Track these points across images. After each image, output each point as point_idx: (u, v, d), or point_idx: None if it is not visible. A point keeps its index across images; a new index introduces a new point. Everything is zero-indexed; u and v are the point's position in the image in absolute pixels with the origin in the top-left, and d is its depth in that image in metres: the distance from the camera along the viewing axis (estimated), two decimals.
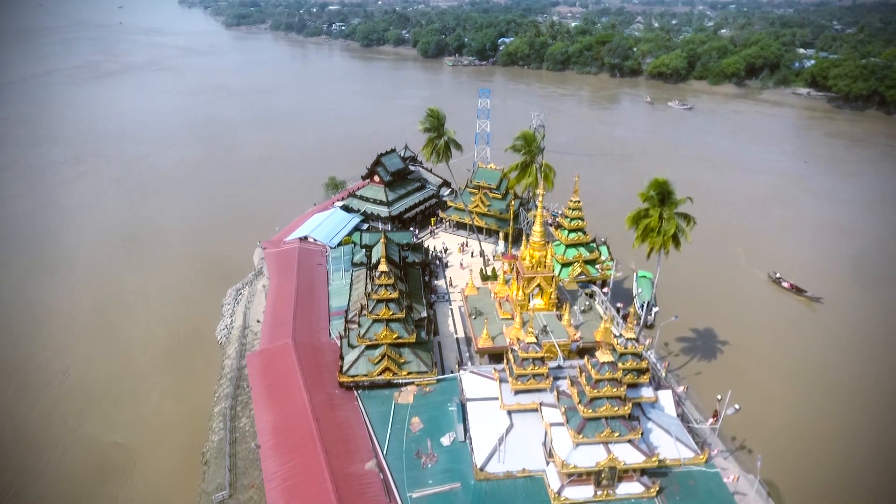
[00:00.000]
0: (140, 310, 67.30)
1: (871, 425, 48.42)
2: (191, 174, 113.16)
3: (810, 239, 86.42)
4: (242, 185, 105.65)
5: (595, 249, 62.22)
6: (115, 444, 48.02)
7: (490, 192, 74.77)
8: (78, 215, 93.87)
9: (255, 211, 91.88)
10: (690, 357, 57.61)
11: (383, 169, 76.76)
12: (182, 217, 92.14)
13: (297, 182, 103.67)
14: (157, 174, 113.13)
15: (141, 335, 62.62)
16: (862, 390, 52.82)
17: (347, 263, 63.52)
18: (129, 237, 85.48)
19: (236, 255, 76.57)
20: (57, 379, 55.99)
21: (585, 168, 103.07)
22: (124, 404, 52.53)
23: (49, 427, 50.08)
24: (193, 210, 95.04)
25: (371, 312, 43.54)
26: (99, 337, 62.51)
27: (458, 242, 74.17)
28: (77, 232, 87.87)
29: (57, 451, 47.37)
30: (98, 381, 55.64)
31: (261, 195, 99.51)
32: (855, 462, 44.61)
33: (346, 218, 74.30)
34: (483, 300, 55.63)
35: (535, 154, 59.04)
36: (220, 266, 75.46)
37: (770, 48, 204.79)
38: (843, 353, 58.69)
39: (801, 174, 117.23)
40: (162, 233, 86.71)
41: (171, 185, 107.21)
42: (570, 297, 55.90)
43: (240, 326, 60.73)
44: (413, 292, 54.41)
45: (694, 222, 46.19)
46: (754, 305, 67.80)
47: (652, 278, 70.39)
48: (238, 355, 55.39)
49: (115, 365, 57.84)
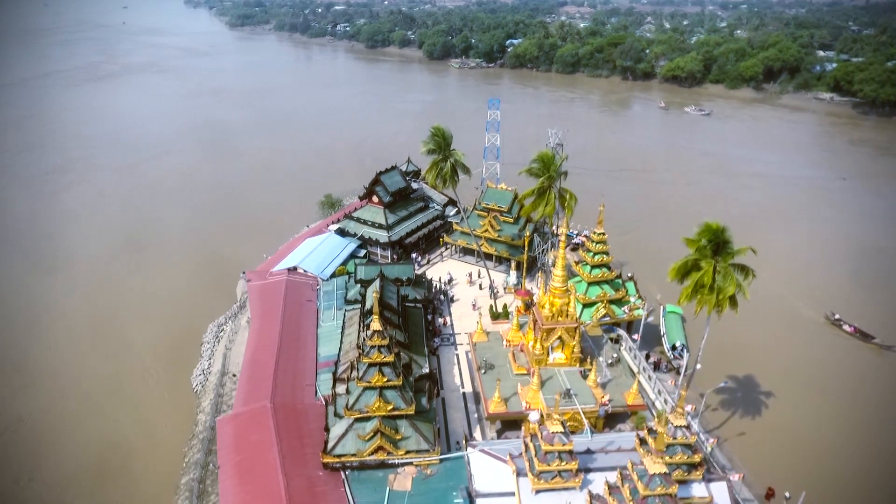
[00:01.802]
0: (107, 347, 60.30)
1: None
2: (181, 186, 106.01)
3: (853, 266, 78.04)
4: (234, 199, 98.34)
5: (621, 287, 54.63)
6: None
7: (501, 216, 67.39)
8: (56, 235, 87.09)
9: (245, 231, 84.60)
10: (736, 422, 48.78)
11: (383, 189, 69.58)
12: (165, 236, 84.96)
13: (293, 196, 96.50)
14: (145, 185, 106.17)
15: (106, 380, 55.62)
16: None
17: (340, 300, 56.29)
18: (108, 255, 78.73)
19: (221, 282, 69.58)
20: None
21: (598, 181, 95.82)
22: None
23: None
24: (179, 228, 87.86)
25: (361, 379, 36.32)
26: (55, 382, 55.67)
27: (464, 272, 66.81)
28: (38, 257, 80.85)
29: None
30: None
31: (253, 212, 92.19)
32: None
33: (341, 244, 67.08)
34: (494, 349, 48.35)
35: (554, 178, 51.66)
36: (204, 294, 68.52)
37: (789, 51, 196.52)
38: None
39: (826, 187, 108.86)
40: (141, 254, 79.71)
41: (158, 197, 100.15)
42: (593, 345, 48.54)
43: (218, 372, 53.60)
44: (413, 340, 47.21)
45: (753, 275, 38.19)
46: (812, 354, 58.12)
47: (681, 314, 63.19)
48: (213, 409, 48.28)
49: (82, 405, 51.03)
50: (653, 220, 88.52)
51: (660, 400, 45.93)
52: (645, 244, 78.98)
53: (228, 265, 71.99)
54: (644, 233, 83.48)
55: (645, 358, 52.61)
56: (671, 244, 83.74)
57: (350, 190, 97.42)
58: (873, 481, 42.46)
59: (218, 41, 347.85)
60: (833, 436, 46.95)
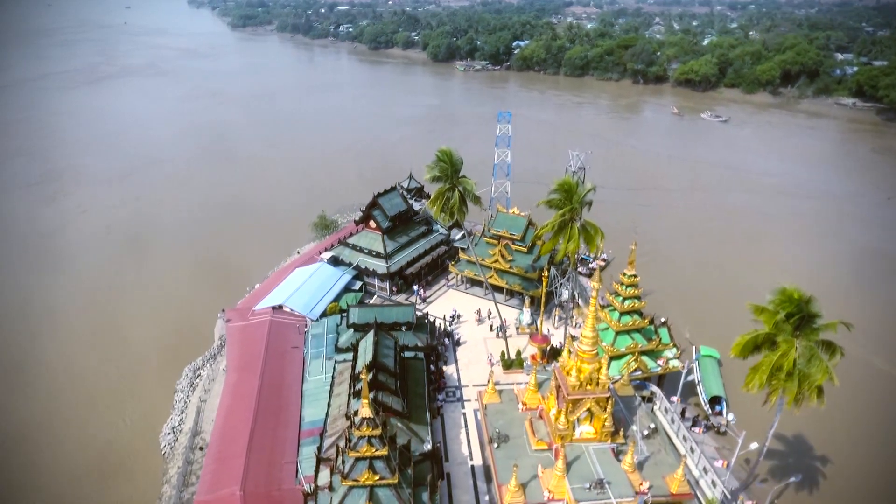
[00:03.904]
0: (77, 396, 53.38)
1: None
2: (168, 200, 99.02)
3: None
4: (223, 217, 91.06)
5: (654, 335, 47.30)
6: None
7: (513, 244, 60.22)
8: (28, 255, 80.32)
9: (232, 255, 77.19)
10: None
11: (381, 213, 62.47)
12: (144, 261, 77.56)
13: (286, 213, 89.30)
14: (130, 200, 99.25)
15: (58, 448, 48.70)
16: None
17: (331, 345, 49.19)
18: (73, 279, 71.82)
19: (202, 317, 62.44)
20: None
21: (609, 196, 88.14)
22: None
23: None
24: (161, 251, 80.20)
25: (347, 477, 29.24)
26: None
27: (471, 307, 59.48)
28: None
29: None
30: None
31: (243, 232, 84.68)
32: None
33: (334, 276, 59.89)
34: (508, 414, 41.12)
35: (577, 211, 44.43)
36: (183, 330, 61.41)
37: (808, 54, 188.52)
38: None
39: (871, 203, 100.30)
40: (118, 279, 72.79)
41: (141, 217, 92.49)
42: (626, 411, 41.28)
43: (189, 432, 46.56)
44: (413, 405, 40.05)
45: (842, 354, 30.64)
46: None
47: (718, 357, 55.90)
48: (181, 481, 41.36)
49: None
50: (673, 242, 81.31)
51: (706, 480, 38.74)
52: (667, 270, 71.84)
53: (213, 296, 64.94)
54: (665, 256, 76.25)
55: (681, 416, 45.52)
56: (695, 270, 77.02)
57: (347, 205, 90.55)
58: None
59: (219, 42, 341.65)
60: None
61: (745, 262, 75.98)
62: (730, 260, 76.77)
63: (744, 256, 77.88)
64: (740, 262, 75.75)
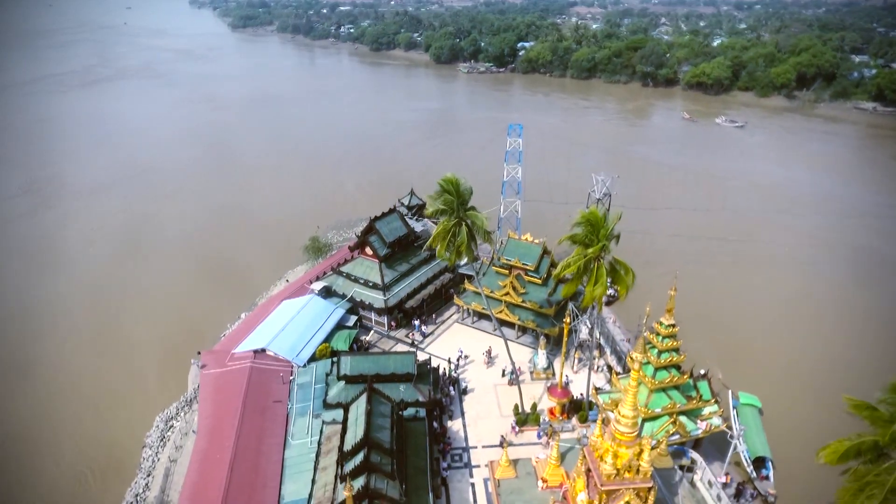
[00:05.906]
0: (37, 447, 47.17)
1: None
2: (152, 216, 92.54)
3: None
4: (207, 241, 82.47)
5: (693, 391, 40.72)
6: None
7: (525, 275, 53.74)
8: None
9: (211, 288, 69.19)
10: None
11: (378, 239, 56.03)
12: (121, 289, 70.07)
13: (278, 232, 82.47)
14: (110, 214, 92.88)
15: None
16: None
17: (318, 400, 42.79)
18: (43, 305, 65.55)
19: (178, 358, 55.88)
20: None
21: (625, 215, 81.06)
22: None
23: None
24: (135, 281, 72.04)
25: None
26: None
27: (479, 345, 52.85)
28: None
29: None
30: None
31: (227, 257, 76.94)
32: None
33: (325, 311, 53.41)
34: (526, 492, 34.74)
35: (605, 247, 37.91)
36: (158, 371, 55.09)
37: (824, 56, 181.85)
38: None
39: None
40: (90, 307, 66.47)
41: (118, 236, 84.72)
42: (664, 487, 34.82)
43: (155, 501, 40.21)
44: (413, 485, 33.63)
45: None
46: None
47: (760, 406, 49.46)
48: None
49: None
50: (696, 267, 73.61)
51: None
52: (690, 299, 64.68)
53: (189, 333, 58.57)
54: (686, 283, 68.76)
55: (722, 487, 39.00)
56: (724, 301, 69.11)
57: (343, 221, 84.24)
58: None
59: (218, 43, 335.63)
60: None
61: (779, 289, 69.14)
62: (761, 289, 69.62)
63: (776, 283, 70.98)
64: (772, 291, 68.87)
